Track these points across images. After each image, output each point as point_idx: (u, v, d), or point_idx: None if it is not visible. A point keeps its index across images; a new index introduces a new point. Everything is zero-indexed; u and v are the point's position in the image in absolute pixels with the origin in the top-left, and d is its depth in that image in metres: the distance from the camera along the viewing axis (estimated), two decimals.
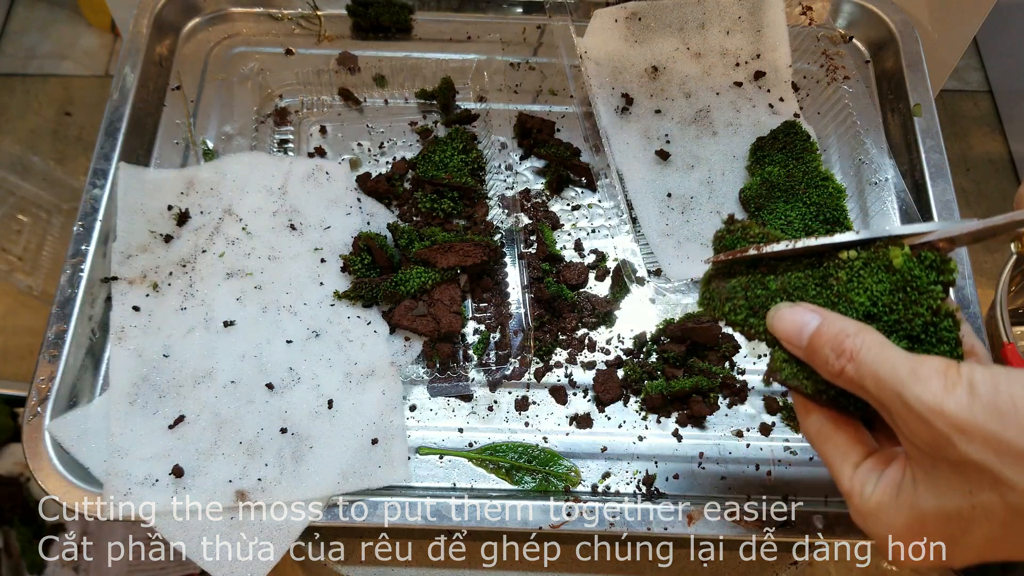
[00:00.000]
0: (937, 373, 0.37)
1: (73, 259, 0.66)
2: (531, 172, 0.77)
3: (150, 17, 0.78)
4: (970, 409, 0.36)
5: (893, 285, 0.43)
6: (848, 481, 0.43)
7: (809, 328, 0.43)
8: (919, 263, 0.43)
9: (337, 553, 0.63)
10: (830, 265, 0.46)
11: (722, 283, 0.49)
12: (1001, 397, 0.35)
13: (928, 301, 0.43)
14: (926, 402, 0.37)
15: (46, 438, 0.60)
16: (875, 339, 0.41)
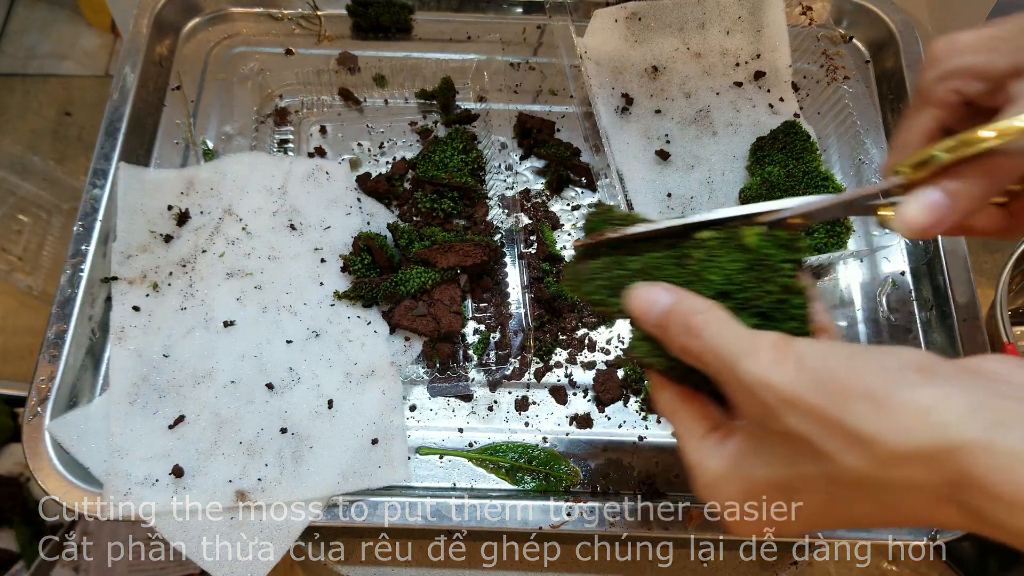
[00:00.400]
0: (769, 347, 0.39)
1: (73, 259, 0.66)
2: (531, 172, 0.77)
3: (150, 17, 0.78)
4: (794, 382, 0.37)
5: (746, 264, 0.45)
6: (692, 453, 0.45)
7: (660, 306, 0.44)
8: (771, 242, 0.45)
9: (337, 553, 0.63)
10: (688, 245, 0.47)
11: (585, 265, 0.50)
12: (822, 369, 0.36)
13: (779, 279, 0.44)
14: (755, 375, 0.38)
15: (46, 438, 0.60)
16: (719, 316, 0.42)
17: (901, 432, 0.33)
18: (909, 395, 0.34)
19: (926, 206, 0.44)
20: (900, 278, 0.72)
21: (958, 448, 0.32)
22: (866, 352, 0.37)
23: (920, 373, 0.35)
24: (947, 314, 0.68)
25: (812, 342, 0.38)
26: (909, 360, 0.35)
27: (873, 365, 0.35)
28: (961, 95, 0.47)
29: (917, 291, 0.71)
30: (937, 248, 0.70)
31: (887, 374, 0.35)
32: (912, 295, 0.71)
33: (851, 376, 0.35)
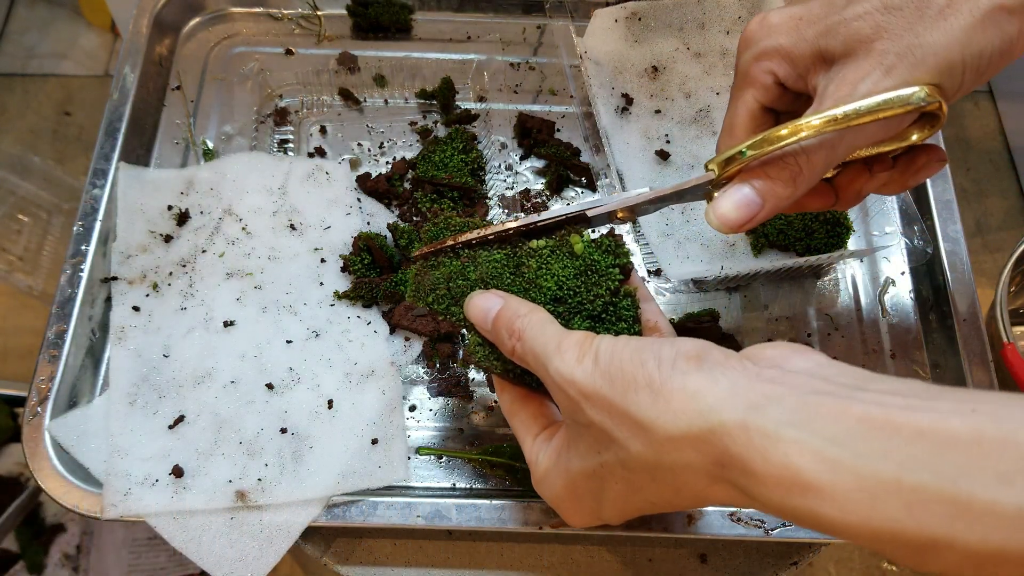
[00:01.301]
0: (575, 345, 0.41)
1: (73, 259, 0.66)
2: (531, 172, 0.77)
3: (150, 17, 0.78)
4: (592, 376, 0.39)
5: (576, 270, 0.48)
6: (528, 452, 0.48)
7: (492, 312, 0.47)
8: (597, 248, 0.48)
9: (337, 553, 0.63)
10: (522, 254, 0.50)
11: (428, 275, 0.53)
12: (613, 363, 0.39)
13: (607, 283, 0.48)
14: (562, 372, 0.41)
15: (46, 438, 0.60)
16: (539, 318, 0.45)
17: (672, 417, 0.36)
18: (680, 381, 0.36)
19: (737, 203, 0.45)
20: (900, 278, 0.72)
21: (719, 429, 0.34)
22: (650, 344, 0.39)
23: (691, 360, 0.37)
24: (947, 314, 0.68)
25: (610, 339, 0.41)
26: (684, 349, 0.38)
27: (653, 356, 0.38)
28: (775, 77, 0.48)
29: (917, 291, 0.71)
30: (937, 248, 0.70)
31: (663, 363, 0.37)
32: (912, 295, 0.71)
33: (635, 367, 0.38)
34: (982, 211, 1.36)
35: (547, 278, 0.48)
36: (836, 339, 0.69)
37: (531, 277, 0.49)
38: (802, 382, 0.35)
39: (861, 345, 0.69)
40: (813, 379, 0.35)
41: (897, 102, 0.41)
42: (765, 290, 0.71)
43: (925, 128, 0.46)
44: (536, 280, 0.49)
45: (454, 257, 0.52)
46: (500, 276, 0.50)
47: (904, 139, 0.47)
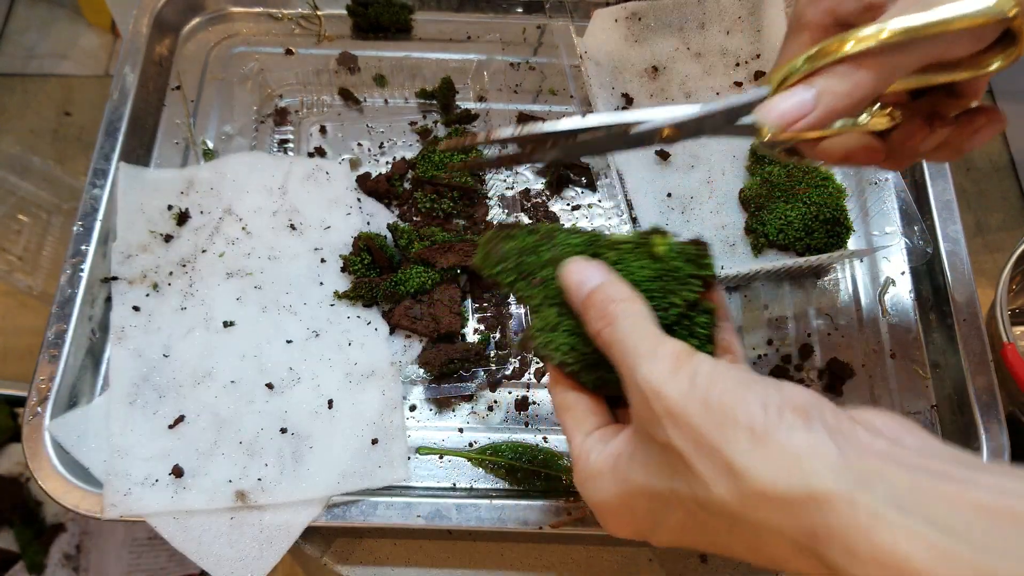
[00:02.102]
0: (670, 355, 0.38)
1: (73, 259, 0.66)
2: (531, 172, 0.77)
3: (150, 17, 0.78)
4: (684, 397, 0.36)
5: (654, 272, 0.45)
6: (577, 447, 0.45)
7: (589, 285, 0.44)
8: (680, 254, 0.45)
9: (337, 553, 0.63)
10: (602, 244, 0.47)
11: (500, 245, 0.50)
12: (713, 391, 0.36)
13: (685, 293, 0.44)
14: (650, 381, 0.38)
15: (46, 438, 0.60)
16: (637, 310, 0.41)
17: (769, 472, 0.33)
18: (786, 436, 0.33)
19: (790, 99, 0.43)
20: (900, 278, 0.72)
21: (821, 499, 0.31)
22: (756, 382, 0.36)
23: (799, 413, 0.34)
24: (947, 314, 0.68)
25: (712, 361, 0.38)
26: (793, 398, 0.35)
27: (759, 397, 0.35)
28: (835, 16, 0.47)
29: (917, 291, 0.71)
30: (937, 248, 0.70)
31: (769, 409, 0.34)
32: (912, 295, 0.71)
33: (737, 403, 0.35)
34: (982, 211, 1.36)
35: (624, 274, 0.45)
36: (836, 339, 0.69)
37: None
38: (915, 461, 0.32)
39: (861, 345, 0.69)
40: (925, 458, 0.32)
41: (977, 14, 0.39)
42: (765, 290, 0.71)
43: (1004, 53, 0.43)
44: None
45: (530, 233, 0.49)
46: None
47: (982, 66, 0.45)
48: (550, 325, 0.47)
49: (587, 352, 0.45)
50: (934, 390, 0.67)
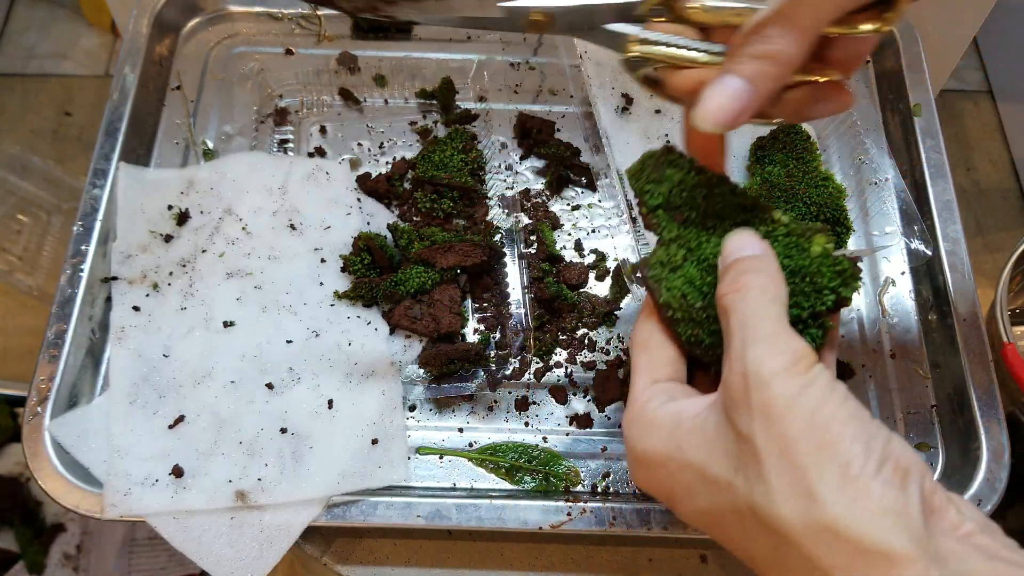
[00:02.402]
0: (790, 351, 0.36)
1: (73, 259, 0.66)
2: (531, 172, 0.77)
3: (150, 17, 0.78)
4: (790, 401, 0.34)
5: (796, 266, 0.43)
6: (640, 390, 0.43)
7: (747, 251, 0.41)
8: (831, 264, 0.43)
9: (337, 553, 0.63)
10: (758, 214, 0.45)
11: (662, 167, 0.48)
12: (821, 412, 0.34)
13: (814, 301, 0.42)
14: (761, 367, 0.35)
15: (46, 438, 0.60)
16: (776, 293, 0.39)
17: (847, 513, 0.32)
18: (878, 488, 0.32)
19: (723, 93, 0.40)
20: (900, 278, 0.72)
21: (894, 557, 0.31)
22: (869, 422, 0.35)
23: (899, 474, 0.33)
24: (947, 314, 0.68)
25: (831, 378, 0.36)
26: (898, 455, 0.34)
27: (865, 438, 0.34)
28: None
29: (917, 291, 0.71)
30: (937, 248, 0.70)
31: (871, 456, 0.33)
32: (912, 295, 0.71)
33: (840, 435, 0.33)
34: (982, 211, 1.36)
35: None
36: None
37: None
38: (995, 551, 0.32)
39: (861, 345, 0.69)
40: (1005, 551, 0.33)
41: None
42: None
43: (877, 19, 0.41)
44: None
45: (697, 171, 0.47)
46: (725, 216, 0.45)
47: (853, 24, 0.41)
48: (672, 264, 0.45)
49: (698, 307, 0.43)
50: (934, 390, 0.67)
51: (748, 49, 0.40)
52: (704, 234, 0.46)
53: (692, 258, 0.45)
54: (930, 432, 0.65)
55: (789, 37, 0.39)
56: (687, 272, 0.44)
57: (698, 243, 0.45)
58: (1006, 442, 0.62)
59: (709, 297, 0.43)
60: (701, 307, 0.43)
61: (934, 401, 0.66)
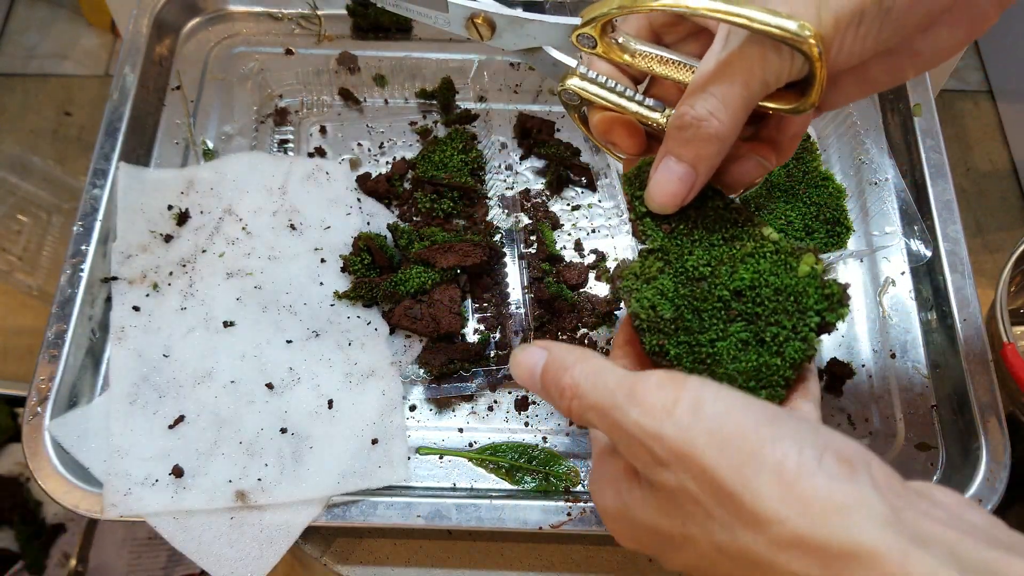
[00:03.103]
0: (656, 388, 0.34)
1: (73, 259, 0.66)
2: (531, 172, 0.77)
3: (150, 17, 0.78)
4: (690, 433, 0.32)
5: (782, 284, 0.42)
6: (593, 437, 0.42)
7: (538, 368, 0.40)
8: (819, 286, 0.42)
9: (337, 553, 0.63)
10: (748, 229, 0.45)
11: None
12: (728, 426, 0.32)
13: (796, 321, 0.42)
14: (644, 425, 0.33)
15: (46, 438, 0.60)
16: (593, 366, 0.37)
17: (807, 521, 0.30)
18: (825, 484, 0.30)
19: (668, 177, 0.42)
20: (900, 278, 0.72)
21: (866, 553, 0.28)
22: (785, 419, 0.32)
23: (843, 463, 0.31)
24: (947, 314, 0.68)
25: (715, 387, 0.34)
26: (837, 445, 0.32)
27: (792, 437, 0.31)
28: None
29: (917, 291, 0.71)
30: (937, 248, 0.70)
31: (805, 451, 0.31)
32: (912, 295, 0.71)
33: (762, 442, 0.31)
34: (982, 211, 1.36)
35: (750, 267, 0.43)
36: (836, 339, 0.69)
37: (735, 254, 0.44)
38: (975, 535, 0.29)
39: (861, 345, 0.69)
40: (986, 535, 0.30)
41: (776, 24, 0.36)
42: None
43: (796, 100, 0.41)
44: (737, 260, 0.44)
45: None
46: (712, 229, 0.45)
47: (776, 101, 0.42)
48: (646, 276, 0.45)
49: (666, 318, 0.43)
50: (934, 390, 0.67)
51: (685, 134, 0.41)
52: (688, 245, 0.46)
53: (670, 270, 0.45)
54: (930, 432, 0.65)
55: (725, 118, 0.40)
56: (661, 283, 0.44)
57: (680, 254, 0.45)
58: (1006, 442, 0.62)
59: (681, 310, 0.44)
60: (670, 319, 0.43)
61: (934, 401, 0.66)
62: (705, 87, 0.40)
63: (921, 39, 0.41)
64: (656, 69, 0.44)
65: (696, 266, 0.44)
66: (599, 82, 0.46)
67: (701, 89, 0.40)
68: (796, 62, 0.38)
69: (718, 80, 0.39)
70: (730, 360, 0.42)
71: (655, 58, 0.44)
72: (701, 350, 0.43)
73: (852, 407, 0.66)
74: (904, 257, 0.72)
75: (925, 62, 0.42)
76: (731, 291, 0.43)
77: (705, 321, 0.43)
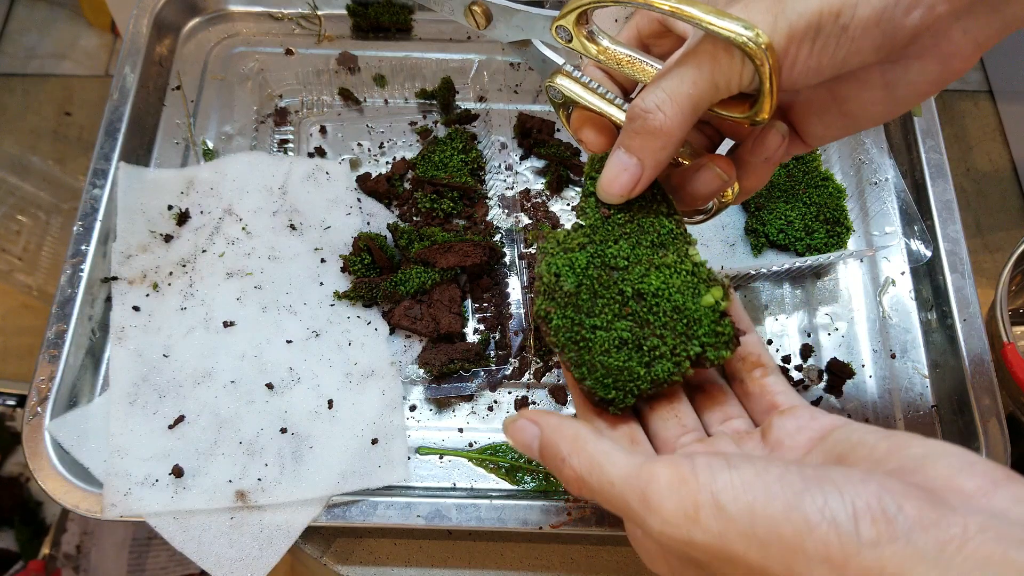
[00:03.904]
0: (671, 493, 0.32)
1: (73, 259, 0.66)
2: (531, 172, 0.77)
3: (150, 17, 0.78)
4: (723, 538, 0.31)
5: (682, 305, 0.44)
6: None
7: (534, 447, 0.39)
8: (715, 320, 0.43)
9: (337, 553, 0.63)
10: (675, 243, 0.46)
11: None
12: (758, 524, 0.30)
13: (678, 343, 0.43)
14: (671, 535, 0.32)
15: (46, 438, 0.60)
16: (589, 457, 0.36)
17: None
18: (873, 559, 0.29)
19: (615, 168, 0.43)
20: (900, 278, 0.72)
21: None
22: (806, 491, 0.31)
23: (878, 524, 0.29)
24: (947, 314, 0.68)
25: (727, 476, 0.32)
26: (862, 504, 0.30)
27: (820, 514, 0.30)
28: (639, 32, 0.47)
29: (917, 291, 0.71)
30: (937, 248, 0.70)
31: (841, 528, 0.29)
32: (912, 295, 0.71)
33: (798, 533, 0.30)
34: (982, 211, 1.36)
35: (664, 278, 0.44)
36: (836, 339, 0.69)
37: (653, 260, 0.45)
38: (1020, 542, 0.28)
39: (861, 345, 0.69)
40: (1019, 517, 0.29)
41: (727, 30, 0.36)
42: (765, 290, 0.71)
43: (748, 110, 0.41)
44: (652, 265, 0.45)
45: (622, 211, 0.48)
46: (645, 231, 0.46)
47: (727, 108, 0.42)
48: (566, 245, 0.46)
49: (565, 289, 0.45)
50: (934, 390, 0.67)
51: (633, 125, 0.42)
52: (616, 235, 0.47)
53: (591, 249, 0.46)
54: (930, 432, 0.65)
55: (671, 113, 0.40)
56: (576, 257, 0.46)
57: (605, 239, 0.46)
58: (1006, 442, 0.62)
59: (582, 288, 0.45)
60: (567, 291, 0.45)
61: (934, 401, 0.66)
62: (657, 82, 0.41)
63: (892, 71, 0.41)
64: (624, 68, 0.45)
65: (615, 255, 0.46)
66: (583, 82, 0.47)
67: (654, 83, 0.41)
68: (747, 69, 0.38)
69: (668, 76, 0.40)
70: (600, 351, 0.44)
71: (623, 58, 0.45)
72: (580, 331, 0.44)
73: (852, 407, 0.66)
74: (904, 257, 0.72)
75: (901, 99, 0.42)
76: (634, 290, 0.44)
77: (597, 307, 0.44)
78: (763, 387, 0.44)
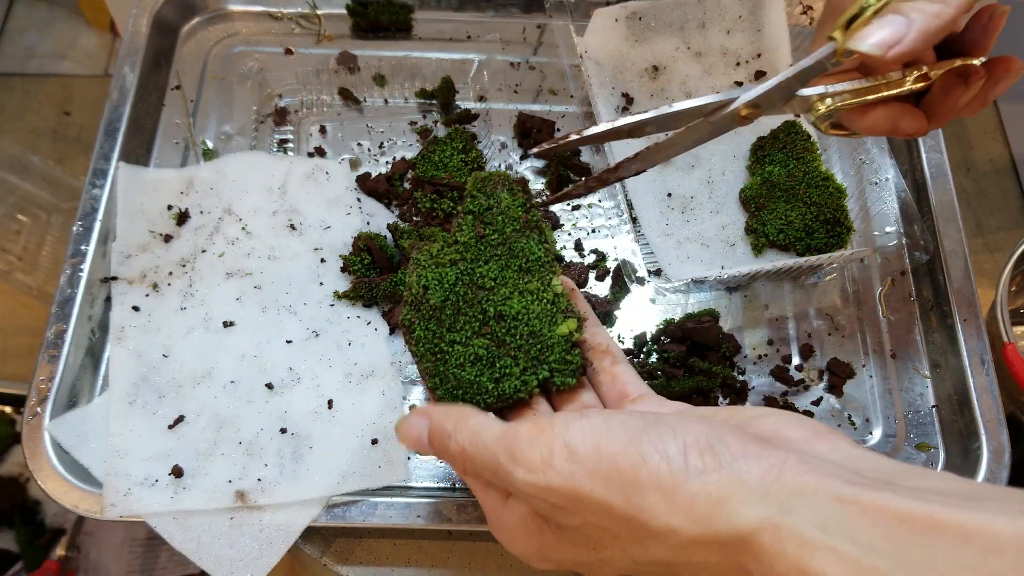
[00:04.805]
0: (528, 444, 0.36)
1: (73, 259, 0.66)
2: (531, 172, 0.77)
3: (149, 17, 0.78)
4: (574, 479, 0.35)
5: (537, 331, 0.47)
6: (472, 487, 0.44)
7: (424, 437, 0.42)
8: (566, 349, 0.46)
9: (337, 553, 0.63)
10: (541, 270, 0.49)
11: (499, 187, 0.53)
12: (603, 461, 0.34)
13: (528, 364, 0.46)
14: (534, 483, 0.36)
15: (46, 438, 0.60)
16: (471, 428, 0.39)
17: (694, 524, 0.33)
18: (698, 484, 0.33)
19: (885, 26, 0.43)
20: (900, 278, 0.72)
21: (747, 535, 0.31)
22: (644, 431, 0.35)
23: (704, 454, 0.33)
24: (947, 314, 0.68)
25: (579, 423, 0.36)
26: (691, 439, 0.34)
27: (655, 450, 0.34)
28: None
29: (917, 291, 0.71)
30: (937, 248, 0.70)
31: (671, 460, 0.33)
32: (912, 295, 0.71)
33: (635, 466, 0.34)
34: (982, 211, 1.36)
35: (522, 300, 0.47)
36: (836, 339, 0.69)
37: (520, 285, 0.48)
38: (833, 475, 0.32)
39: (861, 345, 0.69)
40: (844, 471, 0.32)
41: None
42: (765, 290, 0.71)
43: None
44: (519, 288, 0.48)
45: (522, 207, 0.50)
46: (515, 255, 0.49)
47: None
48: (438, 260, 0.49)
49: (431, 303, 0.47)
50: (934, 390, 0.67)
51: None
52: (487, 256, 0.49)
53: (462, 266, 0.48)
54: (930, 432, 0.65)
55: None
56: (445, 272, 0.48)
57: (475, 259, 0.49)
58: (1006, 442, 0.62)
59: (448, 303, 0.47)
60: (432, 305, 0.47)
61: (934, 401, 0.66)
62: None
63: None
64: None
65: (484, 275, 0.48)
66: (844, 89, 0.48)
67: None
68: None
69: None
70: (455, 364, 0.47)
71: None
72: (440, 344, 0.47)
73: (852, 407, 0.66)
74: (904, 257, 0.72)
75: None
76: (497, 311, 0.47)
77: (459, 323, 0.47)
78: (614, 375, 0.47)
